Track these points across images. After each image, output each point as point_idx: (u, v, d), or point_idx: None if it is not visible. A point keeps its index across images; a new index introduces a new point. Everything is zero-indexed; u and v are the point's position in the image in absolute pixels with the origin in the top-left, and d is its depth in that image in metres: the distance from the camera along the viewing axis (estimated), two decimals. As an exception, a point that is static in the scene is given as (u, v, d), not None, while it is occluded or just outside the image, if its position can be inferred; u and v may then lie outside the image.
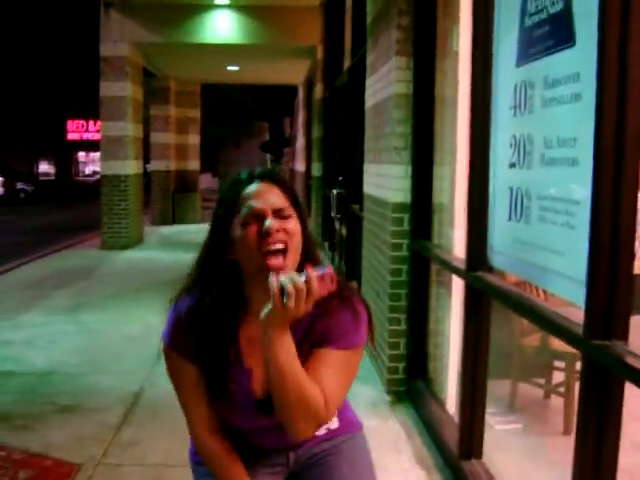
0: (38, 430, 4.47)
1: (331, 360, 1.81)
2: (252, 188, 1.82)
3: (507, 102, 3.11)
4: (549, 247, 2.65)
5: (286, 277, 1.63)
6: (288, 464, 2.08)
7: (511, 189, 3.05)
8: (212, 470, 1.96)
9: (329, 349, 1.82)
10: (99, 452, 4.14)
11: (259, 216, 1.77)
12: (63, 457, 4.07)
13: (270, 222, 1.75)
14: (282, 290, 1.62)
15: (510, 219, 3.06)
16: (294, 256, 1.79)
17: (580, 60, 2.41)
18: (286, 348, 1.68)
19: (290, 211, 1.81)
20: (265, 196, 1.80)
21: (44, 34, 39.21)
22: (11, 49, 39.78)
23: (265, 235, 1.74)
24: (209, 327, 1.84)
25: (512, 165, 3.04)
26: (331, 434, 2.09)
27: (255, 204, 1.78)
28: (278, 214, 1.78)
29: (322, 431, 2.04)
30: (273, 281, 1.63)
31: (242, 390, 1.88)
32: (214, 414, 1.93)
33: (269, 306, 1.65)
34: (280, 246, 1.75)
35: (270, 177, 1.86)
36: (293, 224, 1.80)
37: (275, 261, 1.74)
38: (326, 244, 11.81)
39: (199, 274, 1.91)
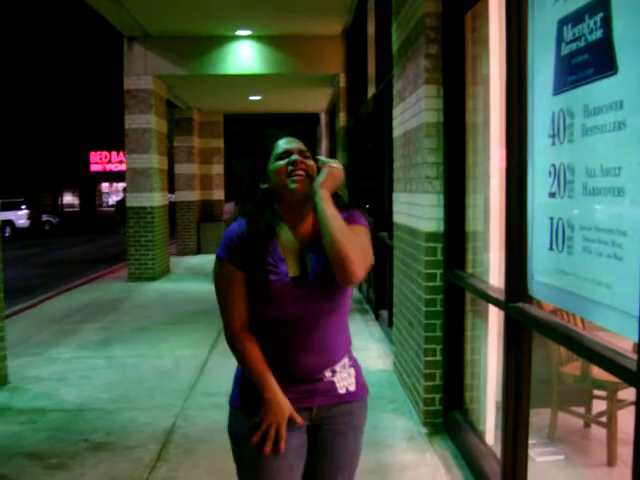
0: (73, 469, 4.45)
1: (355, 231, 2.38)
2: (282, 140, 2.51)
3: (545, 131, 3.06)
4: (595, 279, 2.58)
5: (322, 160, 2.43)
6: (311, 417, 2.46)
7: (552, 219, 2.99)
8: (246, 368, 2.41)
9: (349, 225, 2.37)
10: (135, 491, 4.10)
11: (288, 153, 2.42)
12: (99, 497, 4.04)
13: (296, 156, 2.41)
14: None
15: (551, 249, 3.00)
16: (309, 184, 2.38)
17: (623, 87, 2.36)
18: (332, 205, 2.32)
19: (309, 154, 2.46)
20: (291, 142, 2.49)
21: (68, 68, 39.72)
22: (36, 83, 40.34)
23: (292, 164, 2.39)
24: (256, 235, 2.39)
25: (552, 194, 2.99)
26: (349, 396, 2.50)
27: (287, 145, 2.46)
28: (301, 154, 2.43)
29: (342, 390, 2.48)
30: (323, 159, 2.44)
31: (280, 274, 2.37)
32: (248, 316, 2.41)
33: (320, 176, 2.35)
34: (301, 172, 2.38)
35: (294, 136, 2.57)
36: (311, 162, 2.43)
37: (299, 183, 2.37)
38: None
39: (243, 206, 2.48)
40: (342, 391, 2.48)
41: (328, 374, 2.45)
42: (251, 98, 17.12)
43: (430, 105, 4.90)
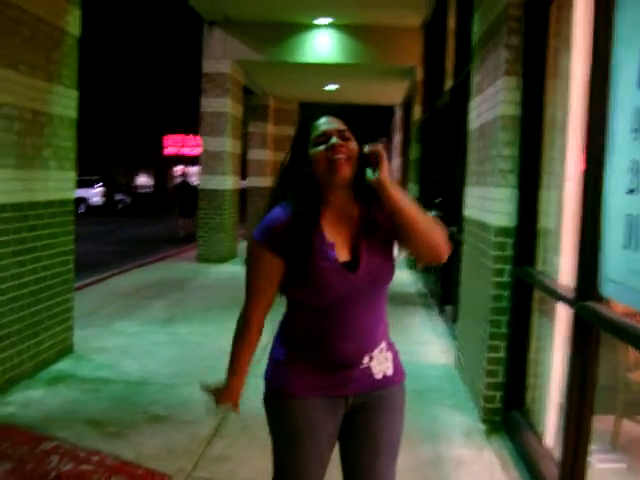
0: (130, 438, 4.52)
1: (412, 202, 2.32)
2: (322, 119, 2.36)
3: (627, 125, 2.96)
4: (671, 279, 2.49)
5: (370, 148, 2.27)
6: (347, 405, 2.41)
7: (629, 216, 2.90)
8: (234, 337, 2.47)
9: None
10: (190, 464, 4.15)
11: (327, 135, 2.30)
12: (154, 467, 4.10)
13: (334, 139, 2.28)
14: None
15: (626, 247, 2.91)
16: (352, 167, 2.28)
17: None
18: (402, 192, 2.25)
19: (349, 134, 2.32)
20: (331, 122, 2.34)
21: (148, 52, 40.37)
22: (117, 67, 41.15)
23: (331, 148, 2.27)
24: (302, 219, 2.29)
25: (631, 191, 2.89)
26: (386, 381, 2.44)
27: (325, 127, 2.32)
28: (340, 135, 2.30)
29: (379, 375, 2.41)
30: (371, 148, 2.26)
31: (329, 259, 2.30)
32: (272, 304, 2.43)
33: (381, 165, 2.21)
34: (342, 156, 2.26)
35: (334, 113, 2.39)
36: (352, 144, 2.30)
37: (341, 168, 2.26)
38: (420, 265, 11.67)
39: (284, 190, 2.39)
40: (379, 376, 2.42)
41: (366, 360, 2.39)
42: (327, 88, 17.13)
43: (508, 97, 4.80)
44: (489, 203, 5.12)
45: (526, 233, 4.71)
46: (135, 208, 34.91)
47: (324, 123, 2.34)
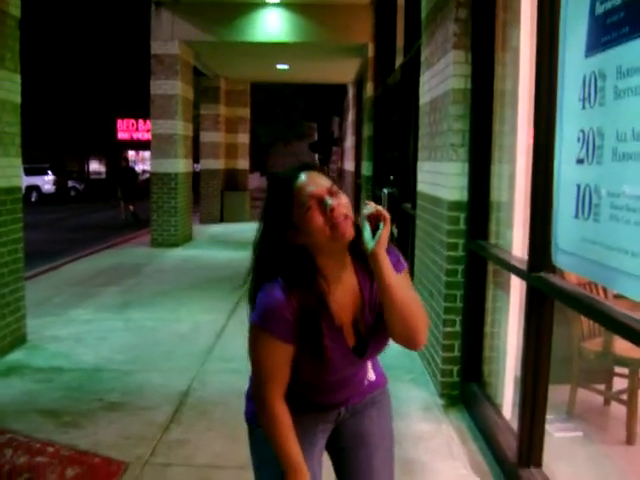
0: (86, 427, 4.45)
1: (402, 281, 2.10)
2: (303, 178, 2.06)
3: (575, 95, 2.95)
4: (622, 247, 2.49)
5: (372, 209, 2.01)
6: (337, 420, 2.33)
7: (578, 186, 2.89)
8: (270, 433, 2.12)
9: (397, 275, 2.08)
10: (147, 451, 4.09)
11: (318, 198, 2.01)
12: (111, 455, 4.04)
13: (330, 201, 2.01)
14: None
15: (577, 217, 2.91)
16: (353, 224, 2.04)
17: (659, 47, 2.26)
18: (392, 269, 2.01)
19: (336, 188, 2.06)
20: (316, 181, 2.05)
21: (95, 34, 39.70)
22: (63, 50, 40.38)
23: (330, 211, 1.99)
24: (305, 306, 2.05)
25: (580, 161, 2.89)
26: (371, 386, 2.35)
27: (313, 189, 2.02)
28: (331, 193, 2.03)
29: (364, 382, 2.31)
30: (373, 207, 2.01)
31: (338, 344, 2.11)
32: (287, 384, 2.13)
33: (377, 237, 1.97)
34: (342, 217, 2.00)
35: (310, 167, 2.13)
36: (344, 198, 2.06)
37: (346, 229, 2.00)
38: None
39: (267, 263, 2.11)
40: (364, 383, 2.34)
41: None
42: (279, 67, 16.99)
43: (457, 71, 4.79)
44: (441, 178, 5.12)
45: (479, 207, 4.72)
46: (89, 195, 34.38)
47: (310, 184, 2.04)
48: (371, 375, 2.34)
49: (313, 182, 2.05)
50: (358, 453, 2.34)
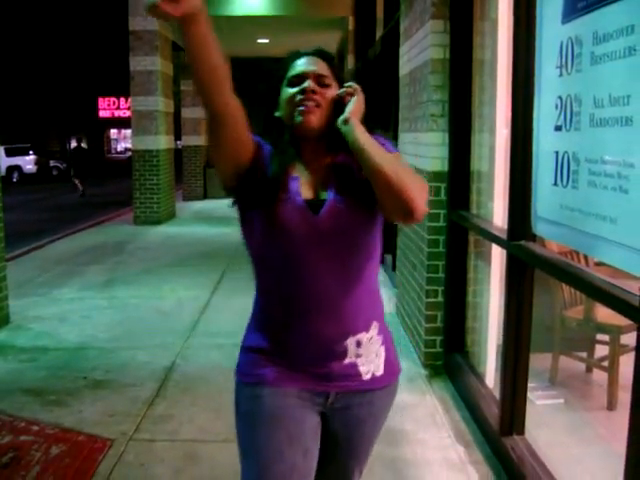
0: (71, 405, 4.44)
1: (385, 153, 1.93)
2: (303, 58, 2.05)
3: (552, 62, 2.94)
4: (600, 213, 2.49)
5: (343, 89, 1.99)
6: (326, 404, 2.07)
7: (557, 153, 2.89)
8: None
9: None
10: (132, 427, 4.09)
11: (302, 78, 1.99)
12: (96, 432, 4.03)
13: (309, 83, 1.96)
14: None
15: (556, 184, 2.91)
16: (322, 117, 1.96)
17: (635, 11, 2.24)
18: (367, 134, 1.90)
19: (330, 81, 2.01)
20: (310, 63, 2.02)
21: (74, 11, 39.23)
22: (42, 29, 39.91)
23: (302, 93, 1.95)
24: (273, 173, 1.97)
25: (558, 128, 2.88)
26: (374, 383, 2.08)
27: (302, 68, 2.01)
28: (318, 80, 1.98)
29: (367, 376, 2.05)
30: (345, 89, 1.98)
31: (292, 194, 1.97)
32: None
33: (349, 105, 1.93)
34: (311, 103, 1.94)
35: (320, 54, 2.08)
36: (330, 92, 1.99)
37: (309, 117, 1.94)
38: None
39: (263, 125, 2.09)
40: (367, 377, 2.05)
41: (352, 348, 2.00)
42: (259, 41, 16.86)
43: (436, 41, 4.76)
44: (422, 148, 5.11)
45: (459, 177, 4.71)
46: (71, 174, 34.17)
47: (303, 63, 2.02)
48: (378, 368, 2.08)
49: (308, 63, 2.03)
50: (341, 457, 2.17)
